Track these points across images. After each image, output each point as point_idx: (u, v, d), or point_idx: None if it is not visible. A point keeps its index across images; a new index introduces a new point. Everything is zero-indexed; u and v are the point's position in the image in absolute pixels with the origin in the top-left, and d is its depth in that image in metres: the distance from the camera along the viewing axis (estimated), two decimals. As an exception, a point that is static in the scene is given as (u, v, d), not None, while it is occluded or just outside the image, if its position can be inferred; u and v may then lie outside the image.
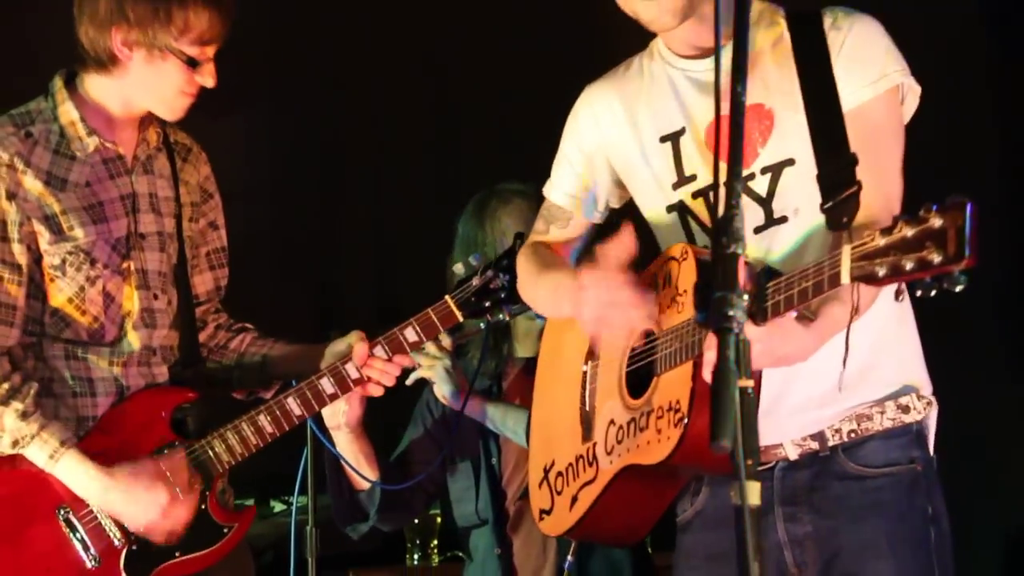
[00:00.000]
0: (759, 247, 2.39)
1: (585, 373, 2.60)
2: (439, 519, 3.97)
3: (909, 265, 1.88)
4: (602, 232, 2.47)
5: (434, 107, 4.63)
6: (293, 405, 2.67)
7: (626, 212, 2.49)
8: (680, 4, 2.34)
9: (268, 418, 2.66)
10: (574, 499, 2.57)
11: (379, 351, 2.69)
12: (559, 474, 2.65)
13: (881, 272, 1.92)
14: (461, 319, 2.77)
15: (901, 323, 2.44)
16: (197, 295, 2.83)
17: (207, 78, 2.57)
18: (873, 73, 2.34)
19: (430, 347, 2.94)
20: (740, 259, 1.74)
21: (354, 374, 2.68)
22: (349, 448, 3.12)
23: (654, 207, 2.43)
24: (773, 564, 2.45)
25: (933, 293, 1.87)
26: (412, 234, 3.81)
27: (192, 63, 2.54)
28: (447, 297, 2.73)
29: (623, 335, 2.39)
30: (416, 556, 3.98)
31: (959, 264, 1.82)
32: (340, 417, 3.01)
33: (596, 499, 2.50)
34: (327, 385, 2.68)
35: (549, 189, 2.62)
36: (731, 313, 1.68)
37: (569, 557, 3.13)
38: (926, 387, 2.42)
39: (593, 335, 2.44)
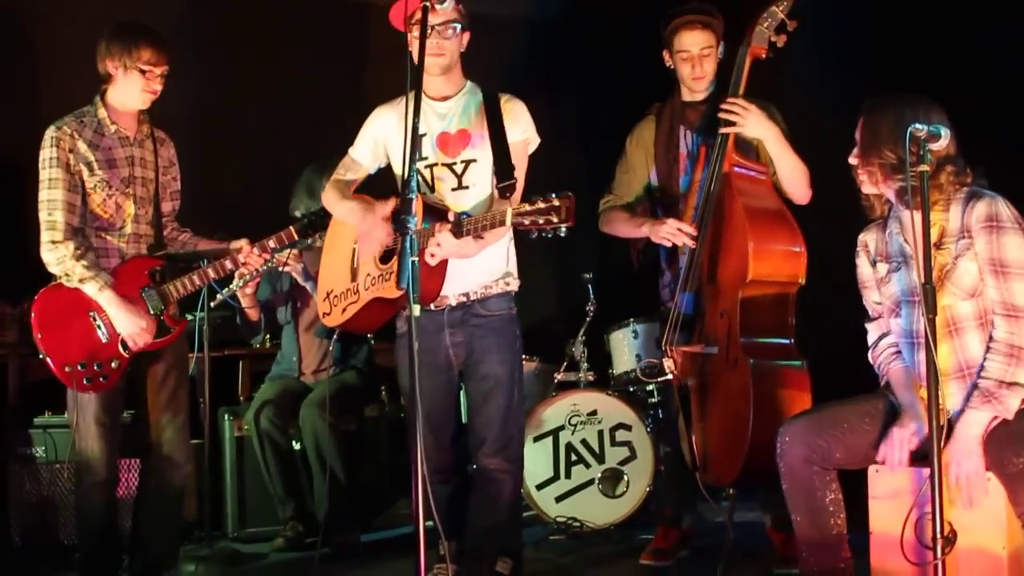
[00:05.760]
0: (454, 200, 3.58)
1: (354, 249, 3.75)
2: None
3: (541, 220, 3.01)
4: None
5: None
6: (210, 271, 4.01)
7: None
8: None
9: (196, 277, 3.99)
10: (344, 309, 3.74)
11: (256, 249, 4.03)
12: (336, 295, 3.78)
13: (526, 221, 3.05)
14: (296, 237, 4.08)
15: (510, 241, 3.69)
16: (164, 212, 4.10)
17: (153, 84, 3.90)
18: (521, 130, 3.65)
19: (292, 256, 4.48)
20: (412, 200, 2.71)
21: (241, 259, 4.02)
22: (246, 301, 4.81)
23: (400, 168, 3.49)
24: (446, 355, 3.68)
25: (549, 236, 3.02)
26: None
27: (143, 72, 3.87)
28: (291, 227, 4.08)
29: (378, 240, 3.58)
30: (267, 338, 5.44)
31: (567, 224, 2.99)
32: (240, 284, 4.60)
33: (358, 311, 3.68)
34: (228, 263, 4.02)
35: (354, 151, 3.77)
36: (408, 224, 2.67)
37: (335, 339, 4.65)
38: (516, 272, 3.72)
39: (361, 236, 3.63)
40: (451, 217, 3.33)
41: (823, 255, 4.01)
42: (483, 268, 3.64)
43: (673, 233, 4.04)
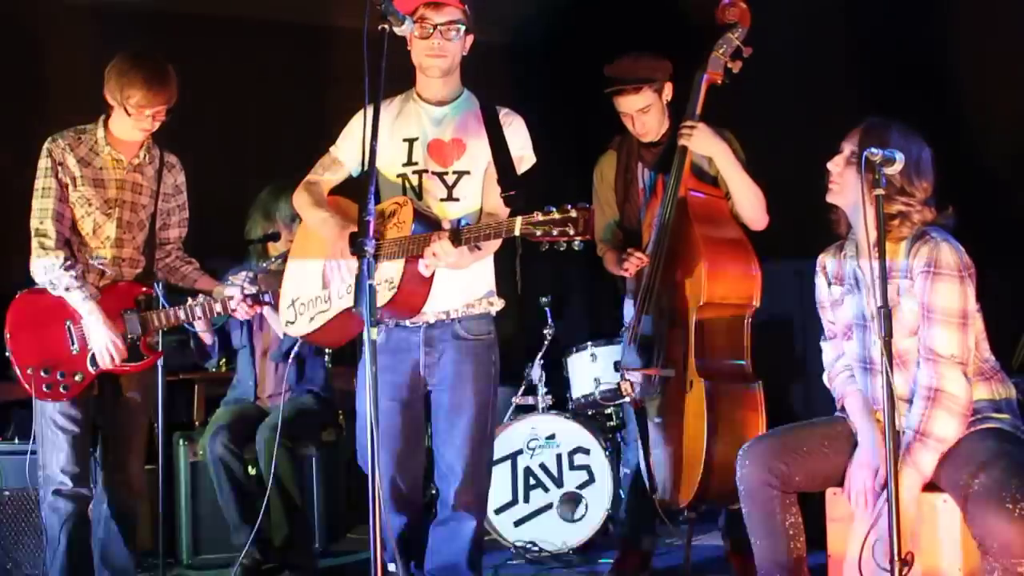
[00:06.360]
0: (441, 210, 3.44)
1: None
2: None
3: (555, 232, 2.84)
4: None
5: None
6: (197, 310, 4.00)
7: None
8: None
9: (181, 312, 3.98)
10: (312, 319, 3.56)
11: (248, 301, 3.96)
12: (302, 303, 3.61)
13: (538, 232, 2.88)
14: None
15: (490, 261, 3.55)
16: (170, 239, 4.11)
17: (142, 123, 3.88)
18: (520, 145, 3.53)
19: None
20: (370, 222, 2.62)
21: (232, 305, 3.97)
22: (200, 324, 4.43)
23: (388, 173, 3.48)
24: (416, 374, 3.54)
25: (563, 248, 2.89)
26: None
27: (128, 113, 3.84)
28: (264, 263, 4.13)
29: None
30: (221, 363, 5.52)
31: (585, 237, 2.85)
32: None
33: (327, 321, 3.50)
34: (218, 307, 3.99)
35: (336, 151, 3.60)
36: (366, 247, 2.62)
37: (295, 349, 4.41)
38: (495, 291, 3.57)
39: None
40: (447, 224, 3.22)
41: (777, 277, 4.04)
42: (467, 285, 3.49)
43: (625, 259, 4.08)
